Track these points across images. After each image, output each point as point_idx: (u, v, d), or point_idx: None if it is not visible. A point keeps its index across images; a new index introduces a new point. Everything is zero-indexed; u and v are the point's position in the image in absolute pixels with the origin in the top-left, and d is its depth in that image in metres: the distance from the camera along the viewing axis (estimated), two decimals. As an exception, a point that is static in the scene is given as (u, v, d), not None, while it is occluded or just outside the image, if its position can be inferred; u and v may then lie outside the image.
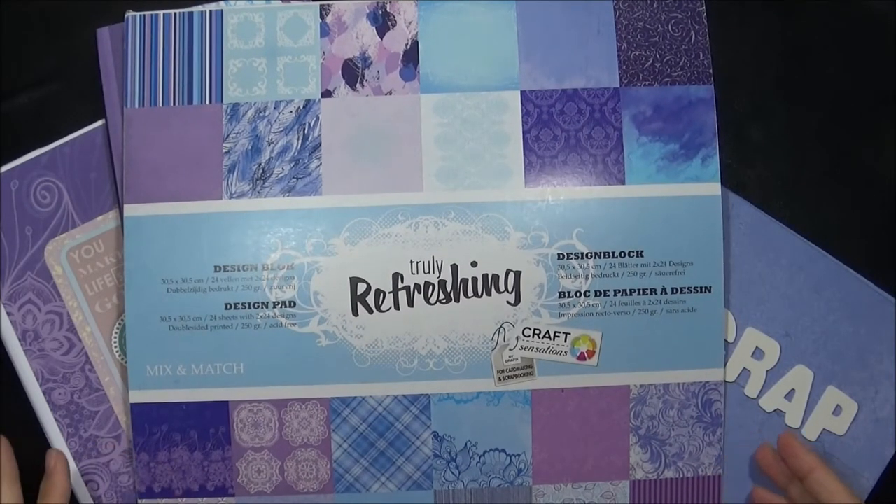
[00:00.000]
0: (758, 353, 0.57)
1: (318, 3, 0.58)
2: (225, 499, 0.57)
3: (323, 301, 0.56)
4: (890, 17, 0.61)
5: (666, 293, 0.56)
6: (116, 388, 0.57)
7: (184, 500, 0.57)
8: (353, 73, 0.57)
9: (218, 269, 0.56)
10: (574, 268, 0.56)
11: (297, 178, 0.57)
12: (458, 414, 0.57)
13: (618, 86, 0.57)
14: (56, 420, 0.57)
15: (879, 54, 0.61)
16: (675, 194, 0.57)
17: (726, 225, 0.57)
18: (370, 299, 0.56)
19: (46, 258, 0.57)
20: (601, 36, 0.57)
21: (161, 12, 0.57)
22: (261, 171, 0.57)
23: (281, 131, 0.57)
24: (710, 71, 0.57)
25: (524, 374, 0.57)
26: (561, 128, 0.57)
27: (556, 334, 0.56)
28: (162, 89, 0.57)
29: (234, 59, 0.57)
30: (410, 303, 0.56)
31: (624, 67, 0.57)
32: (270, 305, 0.56)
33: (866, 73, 0.61)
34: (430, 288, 0.56)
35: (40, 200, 0.57)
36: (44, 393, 0.57)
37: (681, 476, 0.57)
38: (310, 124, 0.57)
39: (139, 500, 0.56)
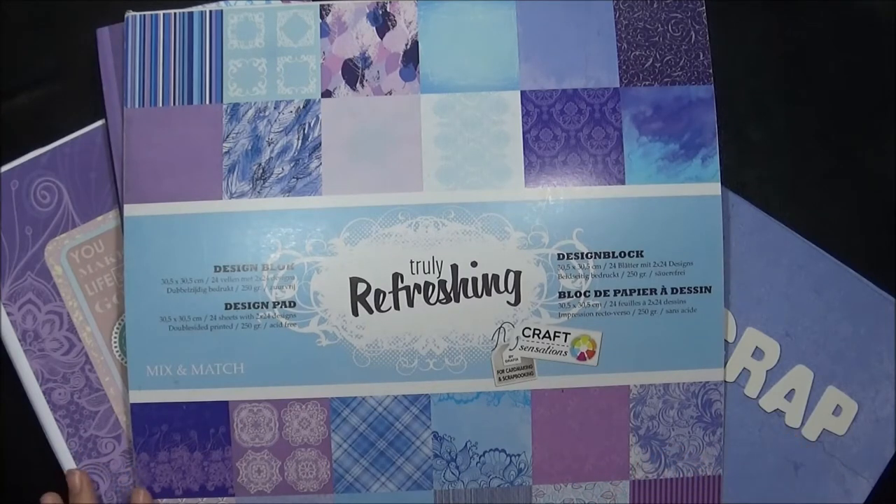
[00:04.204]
0: (758, 353, 0.57)
1: (318, 3, 0.58)
2: (225, 499, 0.57)
3: (323, 301, 0.56)
4: (890, 17, 0.61)
5: (666, 293, 0.56)
6: (116, 388, 0.57)
7: (184, 500, 0.57)
8: (353, 73, 0.57)
9: (218, 269, 0.56)
10: (574, 268, 0.56)
11: (297, 178, 0.57)
12: (458, 414, 0.57)
13: (618, 86, 0.57)
14: (56, 420, 0.57)
15: (879, 54, 0.61)
16: (675, 194, 0.57)
17: (726, 225, 0.57)
18: (370, 299, 0.56)
19: (46, 258, 0.57)
20: (601, 36, 0.57)
21: (161, 12, 0.57)
22: (261, 171, 0.57)
23: (281, 131, 0.57)
24: (710, 71, 0.57)
25: (524, 374, 0.57)
26: (561, 128, 0.57)
27: (556, 334, 0.56)
28: (162, 89, 0.57)
29: (234, 59, 0.57)
30: (410, 303, 0.56)
31: (624, 67, 0.57)
32: (270, 305, 0.56)
33: (866, 73, 0.61)
34: (430, 288, 0.56)
35: (40, 200, 0.57)
36: (44, 393, 0.57)
37: (681, 476, 0.57)
38: (310, 124, 0.57)
39: (139, 500, 0.56)
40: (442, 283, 0.56)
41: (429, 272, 0.56)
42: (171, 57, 0.57)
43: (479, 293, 0.56)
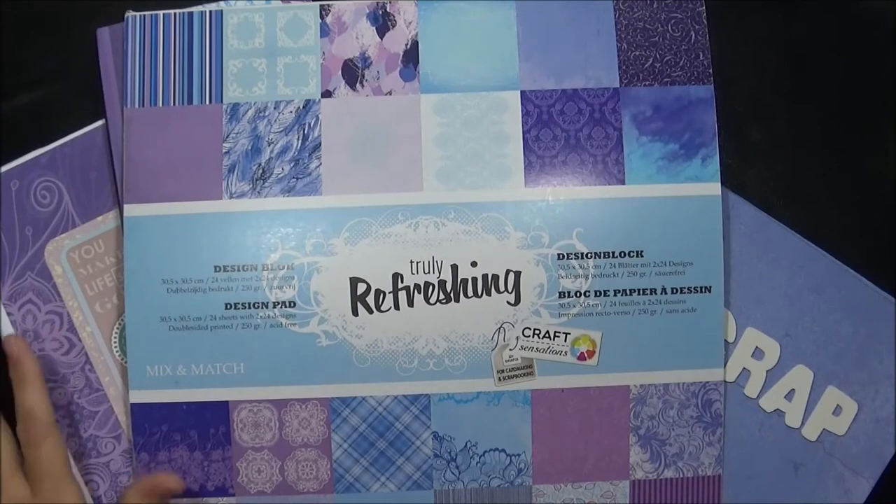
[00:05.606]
0: (758, 353, 0.57)
1: (318, 3, 0.58)
2: (225, 499, 0.57)
3: (323, 301, 0.56)
4: (890, 17, 0.61)
5: (666, 293, 0.56)
6: (116, 388, 0.57)
7: (184, 499, 0.57)
8: (353, 73, 0.57)
9: (218, 269, 0.56)
10: (574, 268, 0.56)
11: (297, 178, 0.57)
12: (458, 414, 0.57)
13: (618, 86, 0.57)
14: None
15: (879, 54, 0.61)
16: (675, 194, 0.57)
17: (726, 225, 0.57)
18: (370, 299, 0.56)
19: (46, 258, 0.57)
20: (601, 36, 0.57)
21: (161, 12, 0.57)
22: (261, 171, 0.57)
23: (281, 131, 0.57)
24: (710, 71, 0.57)
25: (524, 374, 0.57)
26: (561, 128, 0.57)
27: (556, 334, 0.56)
28: (162, 89, 0.57)
29: (234, 60, 0.57)
30: (410, 303, 0.56)
31: (624, 67, 0.57)
32: (270, 305, 0.56)
33: (866, 73, 0.61)
34: (430, 288, 0.56)
35: (40, 200, 0.57)
36: (44, 393, 0.57)
37: (681, 476, 0.57)
38: (310, 124, 0.57)
39: (139, 500, 0.56)
40: (442, 283, 0.56)
41: (429, 272, 0.56)
42: (170, 57, 0.57)
43: (479, 293, 0.56)
